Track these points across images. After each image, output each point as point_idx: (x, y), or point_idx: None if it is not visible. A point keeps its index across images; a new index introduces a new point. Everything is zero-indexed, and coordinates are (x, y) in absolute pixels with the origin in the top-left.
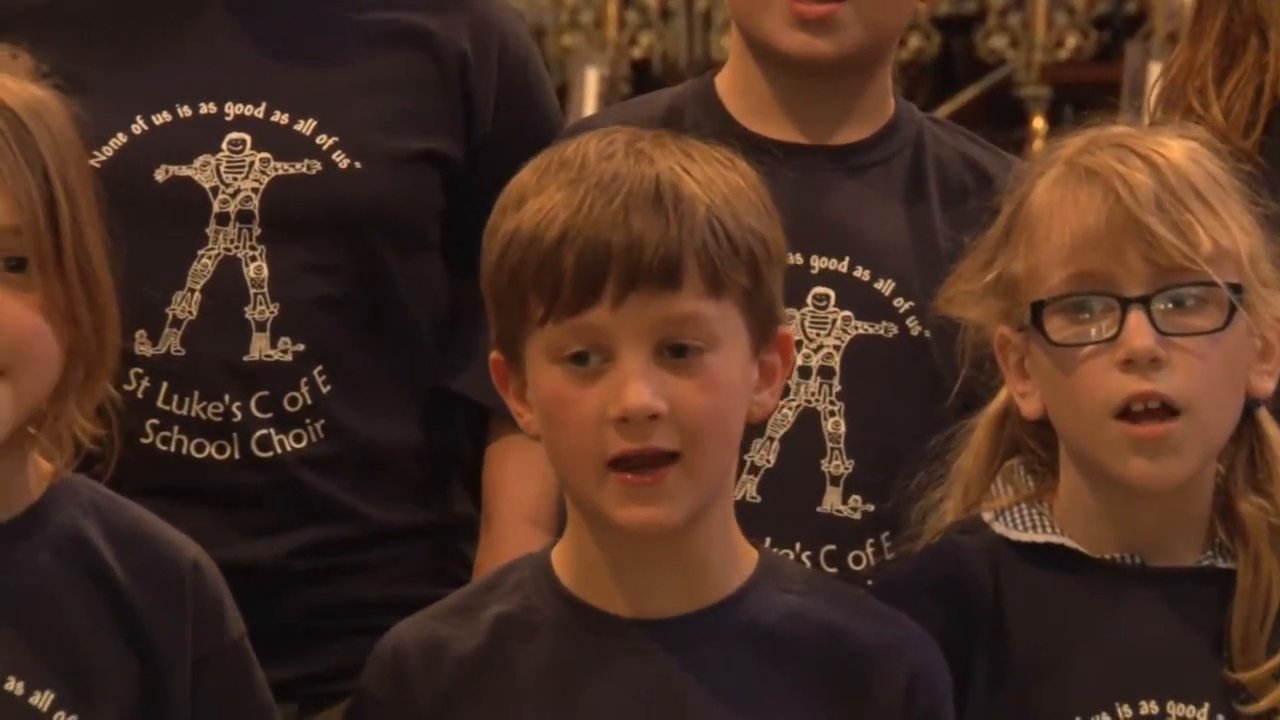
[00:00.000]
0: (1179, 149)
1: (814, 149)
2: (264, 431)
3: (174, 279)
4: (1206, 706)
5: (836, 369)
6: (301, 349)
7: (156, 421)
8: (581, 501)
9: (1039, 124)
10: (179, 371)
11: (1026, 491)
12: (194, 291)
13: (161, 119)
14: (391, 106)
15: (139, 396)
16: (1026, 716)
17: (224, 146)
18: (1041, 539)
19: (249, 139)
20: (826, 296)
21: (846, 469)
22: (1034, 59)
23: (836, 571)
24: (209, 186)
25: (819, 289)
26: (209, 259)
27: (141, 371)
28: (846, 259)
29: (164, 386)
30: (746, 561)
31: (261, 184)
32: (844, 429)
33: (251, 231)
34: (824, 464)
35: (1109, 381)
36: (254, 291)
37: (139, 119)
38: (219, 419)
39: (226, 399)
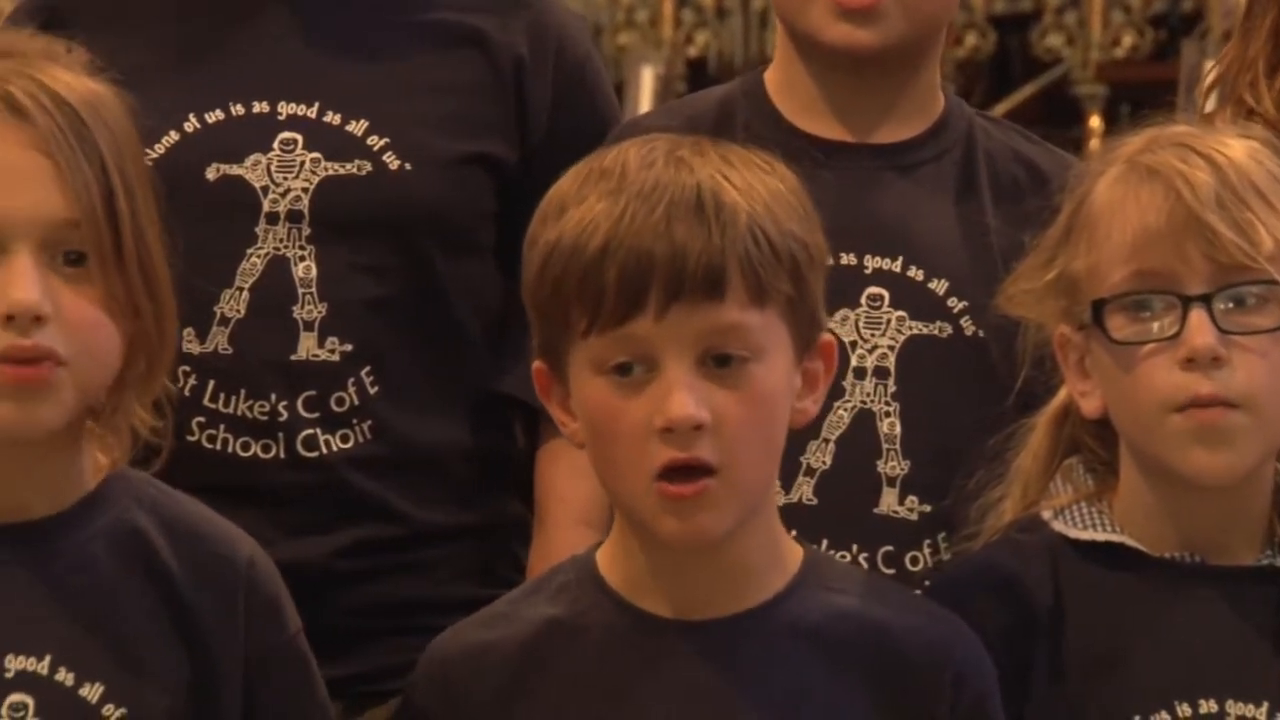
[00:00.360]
0: (1240, 148)
1: (864, 147)
2: (310, 431)
3: (223, 277)
4: (1266, 705)
5: (891, 370)
6: (349, 349)
7: (203, 420)
8: (626, 510)
9: (1095, 122)
10: (226, 370)
11: (1086, 490)
12: (242, 290)
13: (214, 117)
14: (444, 108)
15: (186, 394)
16: (1086, 714)
17: (275, 146)
18: (1101, 537)
19: (300, 139)
20: (880, 297)
21: (903, 470)
22: (1090, 57)
23: (894, 573)
24: (259, 186)
25: (873, 289)
26: (258, 258)
27: (189, 369)
28: (900, 258)
29: (211, 385)
30: (791, 562)
31: (312, 184)
32: (899, 430)
33: (301, 231)
34: (880, 465)
35: (1170, 380)
36: (302, 291)
37: (191, 117)
38: (265, 418)
39: (273, 398)
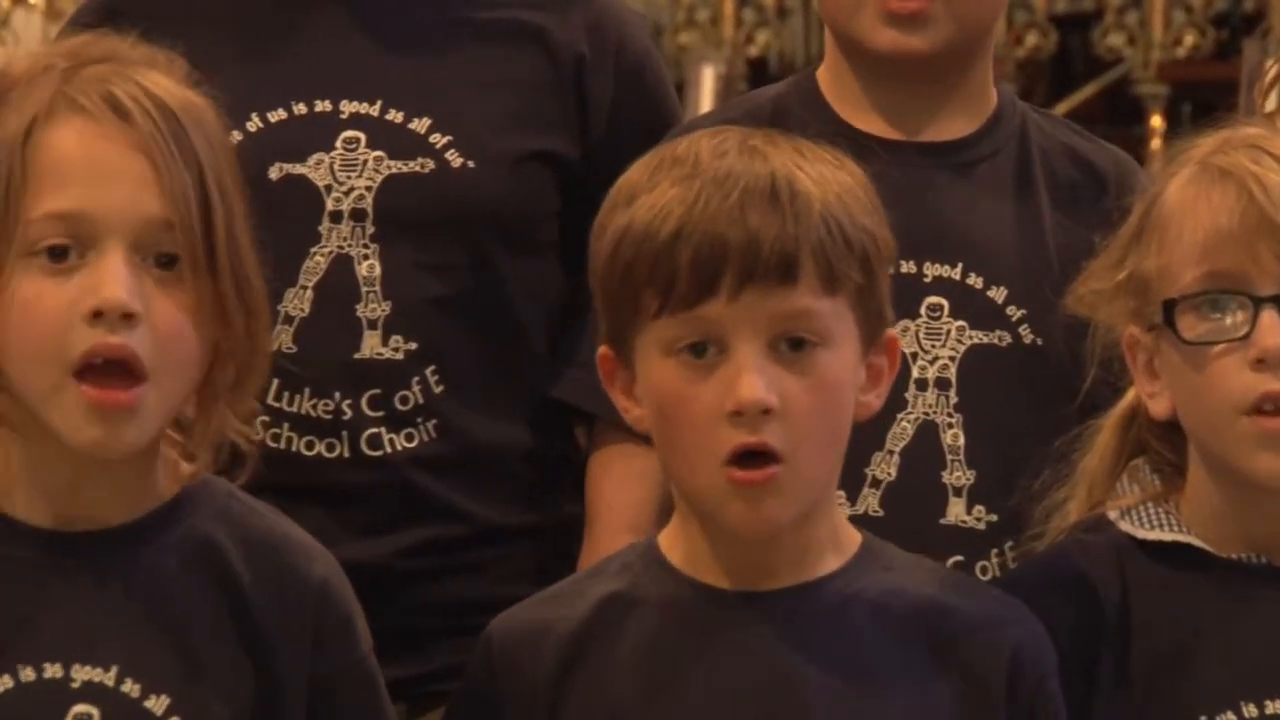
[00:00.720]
0: None
1: (919, 145)
2: (374, 430)
3: (287, 276)
4: None
5: (953, 380)
6: (413, 348)
7: (267, 419)
8: (690, 498)
9: (1156, 122)
10: (290, 369)
11: (1153, 490)
12: (306, 289)
13: (277, 116)
14: (506, 106)
15: None
16: (1152, 714)
17: (338, 144)
18: (1168, 537)
19: (363, 137)
20: (940, 306)
21: (968, 480)
22: (1152, 57)
23: None
24: (323, 184)
25: (932, 299)
26: (322, 256)
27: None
28: (960, 265)
29: (275, 384)
30: (850, 544)
31: (375, 182)
32: (963, 440)
33: (364, 229)
34: (945, 476)
35: (1240, 380)
36: (366, 290)
37: (254, 116)
38: (329, 417)
39: (337, 397)
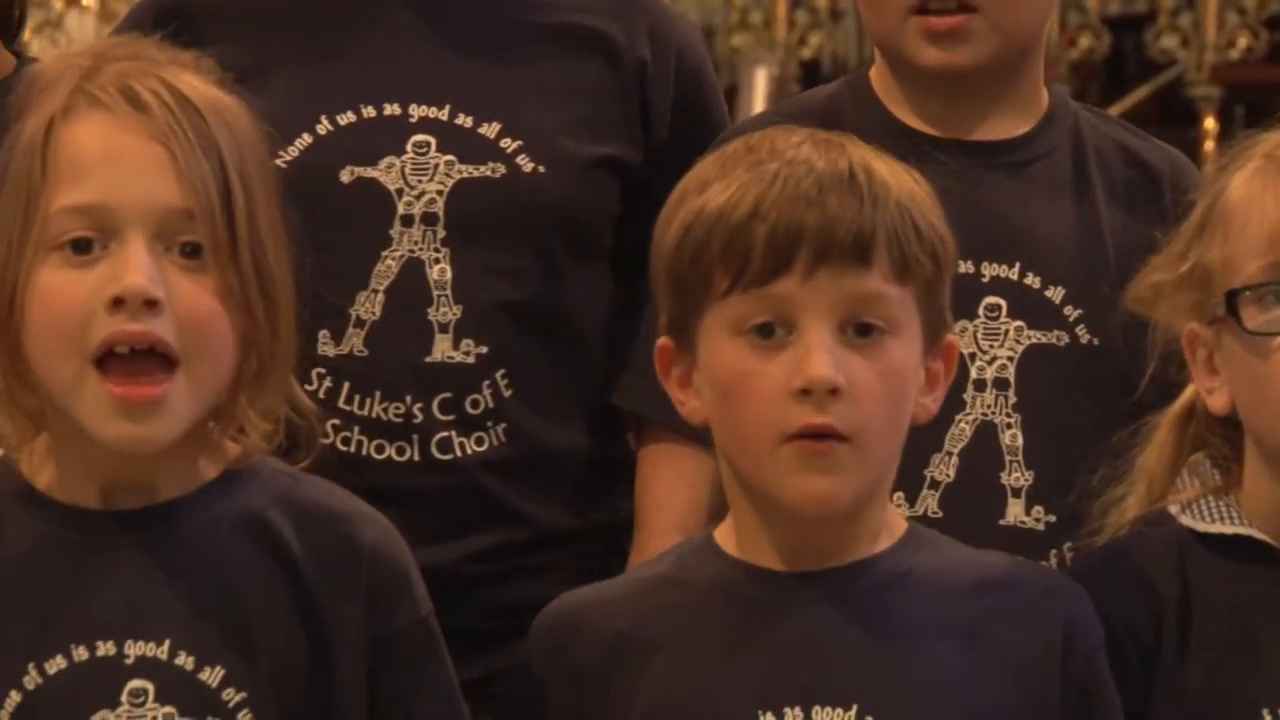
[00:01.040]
0: None
1: (973, 145)
2: (444, 434)
3: (357, 279)
4: None
5: (1011, 380)
6: (484, 351)
7: (337, 422)
8: (749, 480)
9: (1210, 124)
10: (361, 372)
11: (1213, 484)
12: (377, 292)
13: (346, 119)
14: (573, 111)
15: (320, 396)
16: (1214, 706)
17: (409, 148)
18: (1229, 530)
19: (434, 141)
20: (998, 307)
21: (1027, 481)
22: (1205, 59)
23: None
24: (394, 188)
25: (990, 299)
26: (393, 260)
27: (324, 371)
28: (1017, 264)
29: (345, 387)
30: (898, 528)
31: (446, 186)
32: (1021, 441)
33: (436, 234)
34: (1004, 477)
35: None
36: (437, 293)
37: (324, 119)
38: (399, 420)
39: (408, 400)
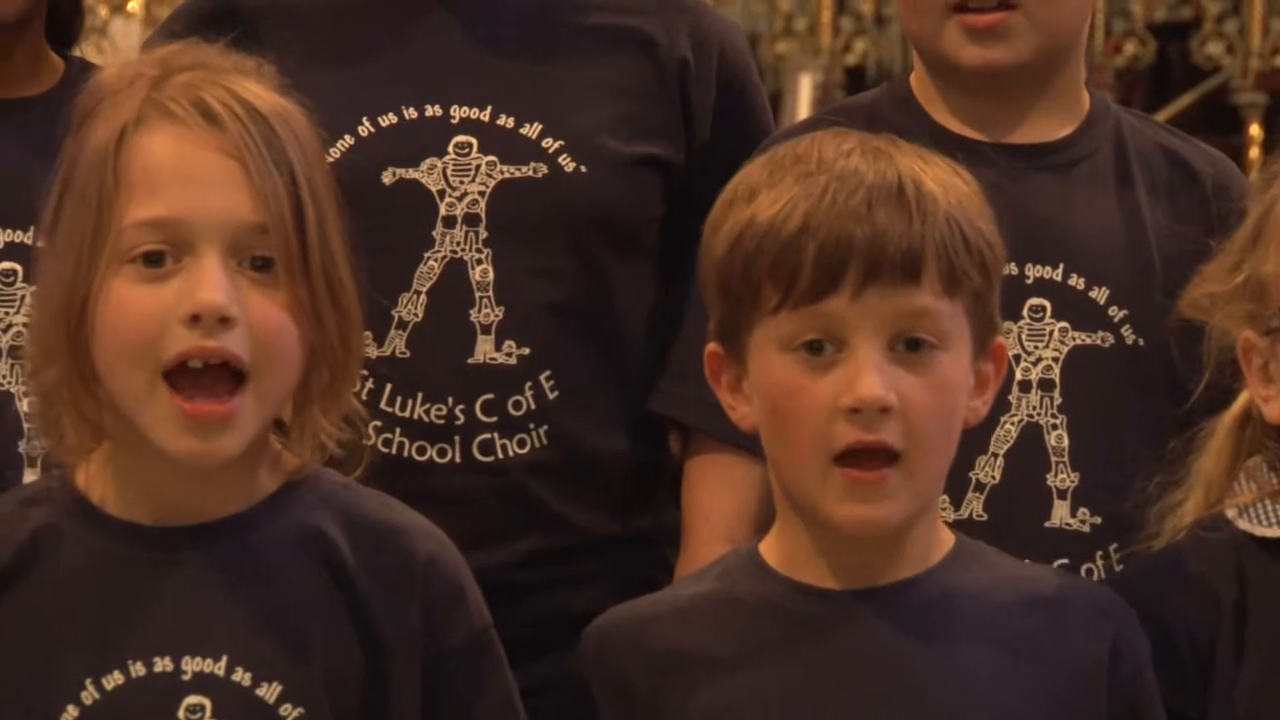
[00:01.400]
0: None
1: (1015, 148)
2: (486, 436)
3: (400, 281)
4: None
5: (1056, 381)
6: (526, 353)
7: (379, 423)
8: (798, 497)
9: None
10: (403, 373)
11: (1271, 488)
12: (419, 294)
13: (387, 121)
14: (615, 110)
15: (363, 398)
16: (1270, 708)
17: (450, 149)
18: None
19: (475, 142)
20: (1043, 308)
21: (1072, 482)
22: (1250, 65)
23: None
24: (436, 189)
25: (1035, 300)
26: (435, 261)
27: (366, 373)
28: (1061, 266)
29: (388, 388)
30: (946, 542)
31: (488, 187)
32: (1067, 442)
33: (478, 235)
34: (1049, 478)
35: None
36: (479, 295)
37: (365, 120)
38: (441, 422)
39: (450, 402)
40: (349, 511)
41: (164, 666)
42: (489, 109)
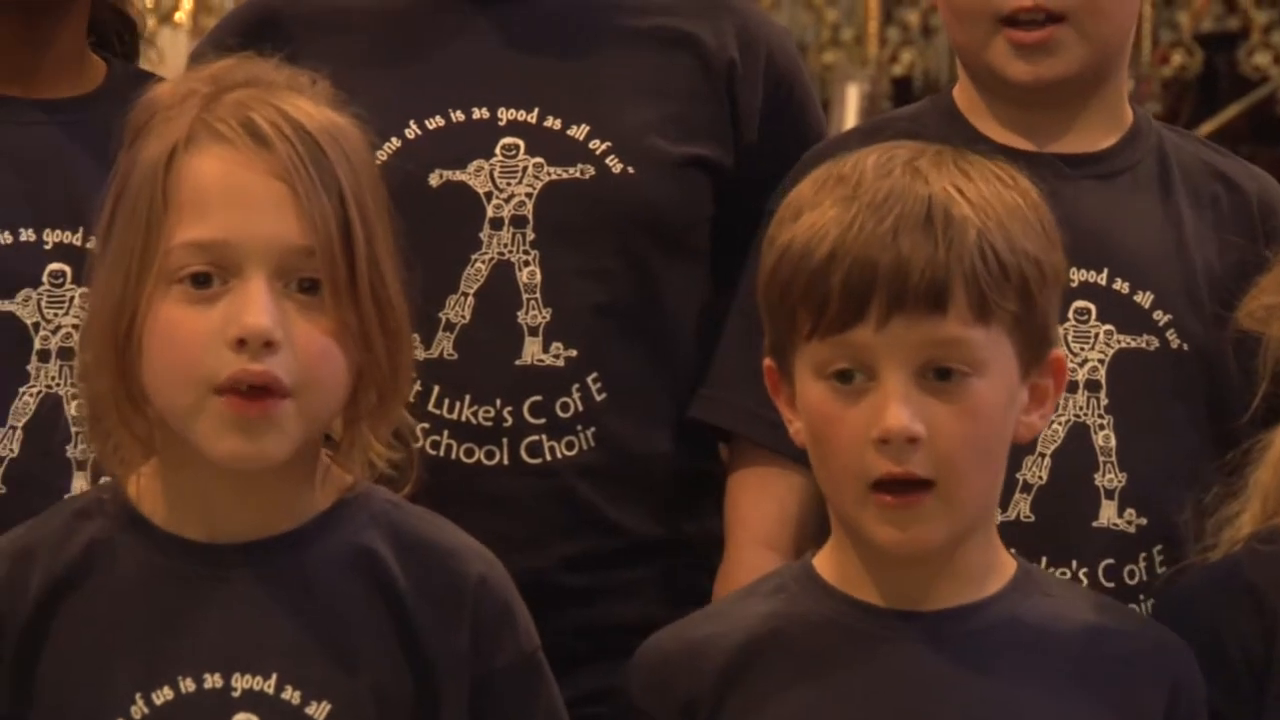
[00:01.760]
0: None
1: (1059, 157)
2: (534, 438)
3: (447, 283)
4: None
5: (1103, 382)
6: (574, 354)
7: (427, 426)
8: (842, 517)
9: None
10: (451, 376)
11: None
12: (467, 296)
13: (434, 123)
14: (662, 111)
15: (411, 401)
16: None
17: (498, 151)
18: None
19: (522, 144)
20: (1088, 310)
21: (1120, 482)
22: None
23: (1114, 586)
24: (483, 191)
25: (1080, 302)
26: (482, 263)
27: (414, 375)
28: (1105, 270)
29: (435, 390)
30: (1007, 570)
31: (535, 189)
32: (1114, 442)
33: (525, 236)
34: (1096, 478)
35: None
36: (526, 296)
37: (412, 123)
38: (490, 424)
39: (498, 404)
40: (399, 531)
41: (214, 683)
42: (536, 111)
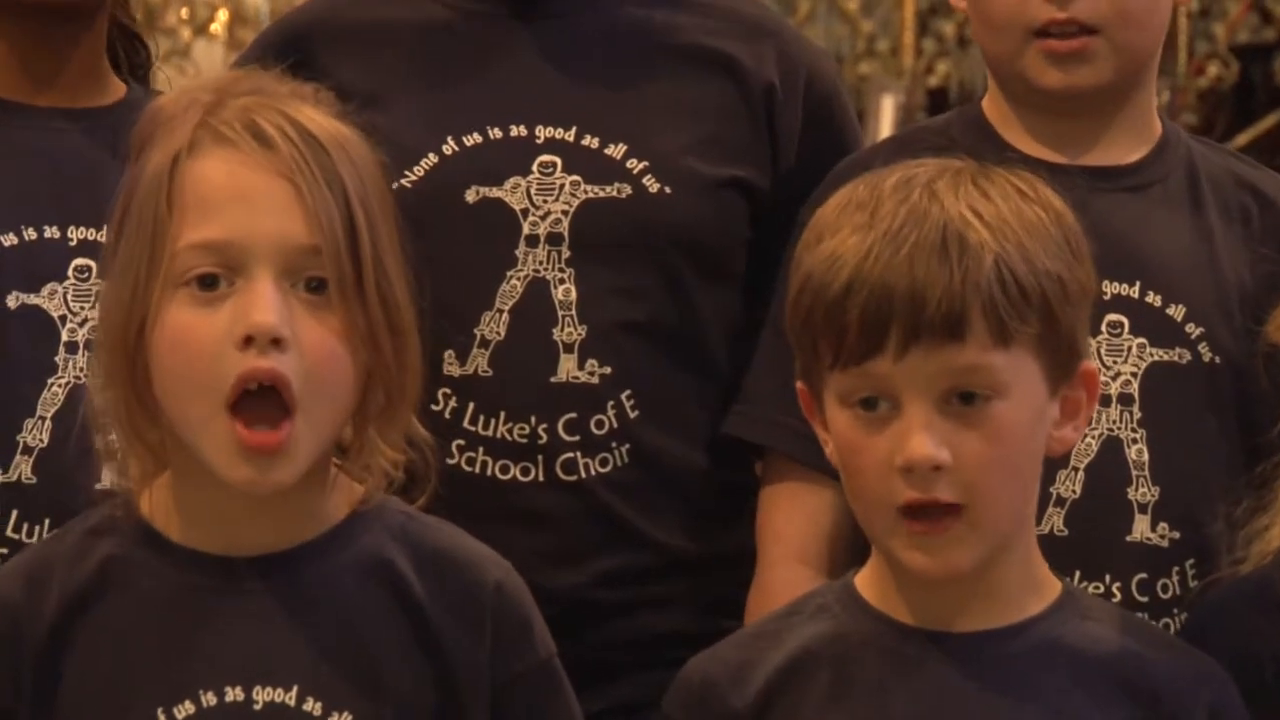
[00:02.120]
0: None
1: (1089, 169)
2: (569, 454)
3: (483, 299)
4: None
5: (1136, 396)
6: (608, 372)
7: (462, 442)
8: (874, 540)
9: None
10: (486, 392)
11: None
12: (502, 312)
13: (472, 140)
14: (700, 132)
15: (446, 417)
16: None
17: (534, 169)
18: None
19: (559, 161)
20: (1120, 324)
21: (1153, 496)
22: None
23: (1147, 600)
24: (519, 208)
25: (1112, 316)
26: (518, 280)
27: (449, 392)
28: (1138, 283)
29: (471, 407)
30: (1049, 591)
31: (572, 206)
32: (1147, 456)
33: (561, 254)
34: (1130, 492)
35: None
36: (562, 314)
37: (449, 139)
38: (525, 440)
39: (533, 420)
40: (416, 541)
41: (235, 696)
42: (574, 129)
